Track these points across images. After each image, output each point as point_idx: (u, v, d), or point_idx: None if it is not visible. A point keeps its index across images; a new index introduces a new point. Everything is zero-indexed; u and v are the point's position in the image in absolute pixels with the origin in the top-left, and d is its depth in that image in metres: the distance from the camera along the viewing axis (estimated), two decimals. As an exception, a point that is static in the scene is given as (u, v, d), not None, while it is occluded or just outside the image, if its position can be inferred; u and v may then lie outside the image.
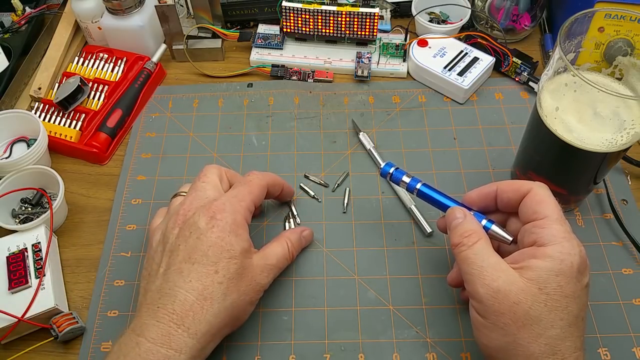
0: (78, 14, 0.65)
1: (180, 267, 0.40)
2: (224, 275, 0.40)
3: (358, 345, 0.46)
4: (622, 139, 0.42)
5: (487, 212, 0.44)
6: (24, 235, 0.50)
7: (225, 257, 0.41)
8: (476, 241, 0.39)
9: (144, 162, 0.59)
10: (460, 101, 0.62)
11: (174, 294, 0.39)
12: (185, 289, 0.39)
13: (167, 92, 0.65)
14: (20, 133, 0.59)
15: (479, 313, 0.38)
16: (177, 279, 0.40)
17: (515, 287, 0.36)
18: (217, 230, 0.41)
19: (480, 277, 0.37)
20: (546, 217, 0.39)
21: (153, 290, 0.41)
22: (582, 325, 0.37)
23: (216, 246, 0.41)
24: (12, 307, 0.45)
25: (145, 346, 0.37)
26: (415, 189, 0.47)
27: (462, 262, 0.39)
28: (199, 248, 0.41)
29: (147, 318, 0.39)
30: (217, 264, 0.40)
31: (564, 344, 0.36)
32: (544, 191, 0.40)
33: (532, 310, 0.36)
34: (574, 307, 0.36)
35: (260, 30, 0.69)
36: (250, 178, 0.46)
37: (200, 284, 0.40)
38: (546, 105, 0.45)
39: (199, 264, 0.40)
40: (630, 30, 0.48)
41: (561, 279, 0.36)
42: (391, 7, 0.69)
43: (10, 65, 0.65)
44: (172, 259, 0.41)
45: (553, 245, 0.37)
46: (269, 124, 0.61)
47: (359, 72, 0.64)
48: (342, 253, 0.51)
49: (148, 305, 0.40)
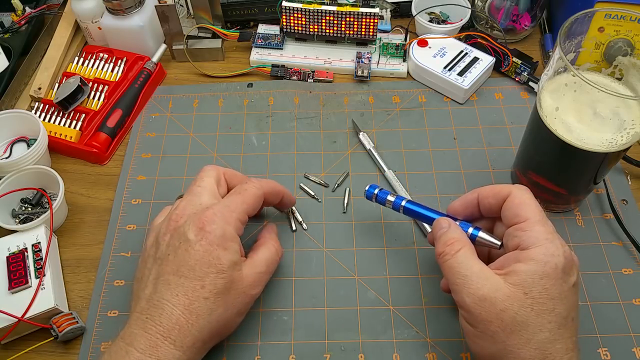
0: (78, 14, 0.65)
1: (168, 279, 0.40)
2: (210, 290, 0.40)
3: (358, 345, 0.46)
4: (622, 139, 0.42)
5: (473, 220, 0.44)
6: (24, 235, 0.50)
7: (213, 272, 0.40)
8: (459, 249, 0.39)
9: (144, 162, 0.59)
10: (460, 101, 0.62)
11: (161, 306, 0.39)
12: (172, 303, 0.39)
13: (167, 92, 0.65)
14: (20, 133, 0.59)
15: (468, 322, 0.38)
16: (164, 291, 0.40)
17: (500, 293, 0.36)
18: (205, 243, 0.40)
19: (466, 286, 0.37)
20: (527, 220, 0.39)
21: (142, 299, 0.41)
22: (573, 325, 0.37)
23: (203, 260, 0.40)
24: (12, 307, 0.45)
25: (134, 356, 0.38)
26: (401, 206, 0.47)
27: (446, 271, 0.40)
28: (187, 261, 0.40)
29: (136, 328, 0.39)
30: (203, 279, 0.40)
31: (554, 347, 0.36)
32: (524, 193, 0.40)
33: (519, 316, 0.36)
34: (562, 309, 0.36)
35: (260, 30, 0.69)
36: (246, 187, 0.45)
37: (186, 299, 0.39)
38: (546, 105, 0.45)
39: (186, 277, 0.40)
40: (630, 30, 0.48)
41: (546, 282, 0.36)
42: (391, 7, 0.69)
43: (10, 65, 0.65)
44: (162, 268, 0.41)
45: (536, 247, 0.37)
46: (269, 124, 0.61)
47: (359, 72, 0.64)
48: (342, 253, 0.51)
49: (137, 315, 0.40)
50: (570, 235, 0.51)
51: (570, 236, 0.51)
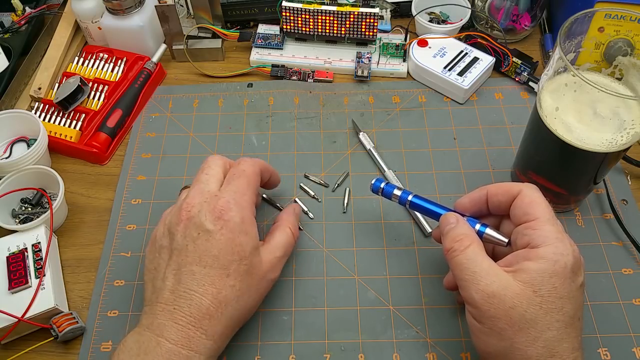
0: (78, 14, 0.65)
1: (192, 270, 0.40)
2: (235, 277, 0.41)
3: (358, 345, 0.46)
4: (622, 139, 0.42)
5: (480, 217, 0.44)
6: (24, 235, 0.50)
7: (236, 259, 0.41)
8: (468, 245, 0.39)
9: (144, 162, 0.59)
10: (460, 101, 0.62)
11: (189, 297, 0.39)
12: (200, 293, 0.40)
13: (167, 92, 0.65)
14: (20, 133, 0.59)
15: (475, 318, 0.38)
16: (190, 281, 0.40)
17: (509, 291, 0.36)
18: (226, 231, 0.41)
19: (474, 282, 0.37)
20: (537, 219, 0.39)
21: (165, 290, 0.40)
22: (579, 325, 0.37)
23: (227, 249, 0.41)
24: (12, 307, 0.45)
25: (166, 346, 0.38)
26: (408, 200, 0.47)
27: (455, 267, 0.39)
28: (209, 251, 0.40)
29: (164, 319, 0.39)
30: (228, 267, 0.40)
31: (561, 346, 0.36)
32: (534, 192, 0.40)
33: (528, 314, 0.36)
34: (570, 308, 0.36)
35: (260, 30, 0.69)
36: (244, 167, 0.45)
37: (214, 288, 0.40)
38: (546, 105, 0.44)
39: (211, 267, 0.40)
40: (630, 30, 0.48)
41: (555, 280, 0.36)
42: (391, 7, 0.69)
43: (10, 65, 0.65)
44: (182, 259, 0.41)
45: (546, 246, 0.37)
46: (269, 124, 0.61)
47: (359, 72, 0.64)
48: (342, 253, 0.51)
49: (163, 305, 0.40)
50: (570, 235, 0.51)
51: (571, 236, 0.50)
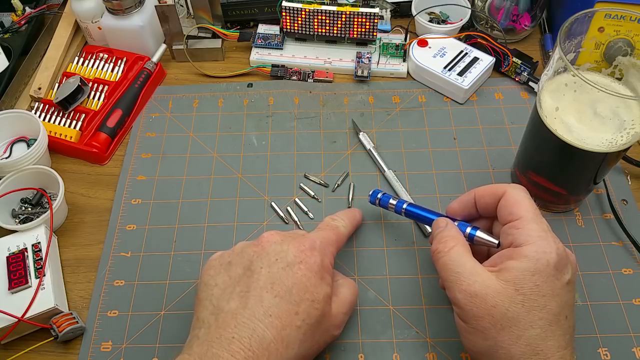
0: (78, 14, 0.65)
1: (261, 295, 0.38)
2: (304, 319, 0.38)
3: (358, 345, 0.46)
4: (622, 139, 0.42)
5: (472, 220, 0.45)
6: (24, 235, 0.50)
7: (308, 299, 0.38)
8: (452, 247, 0.40)
9: (144, 162, 0.59)
10: (460, 101, 0.62)
11: (252, 327, 0.36)
12: (265, 324, 0.36)
13: (167, 92, 0.65)
14: (20, 133, 0.59)
15: (461, 318, 0.38)
16: (256, 308, 0.37)
17: (491, 290, 0.36)
18: (304, 267, 0.39)
19: (458, 282, 0.38)
20: (521, 218, 0.39)
21: (226, 312, 0.37)
22: (566, 323, 0.37)
23: (301, 285, 0.38)
24: (12, 307, 0.45)
25: None
26: (403, 209, 0.48)
27: (440, 269, 0.40)
28: (283, 280, 0.38)
29: (219, 349, 0.35)
30: (299, 305, 0.38)
31: (545, 344, 0.36)
32: (518, 192, 0.41)
33: (510, 312, 0.36)
34: (554, 306, 0.36)
35: (260, 30, 0.69)
36: (337, 224, 0.45)
37: (279, 322, 0.37)
38: (546, 106, 0.44)
39: (281, 298, 0.38)
40: (630, 30, 0.48)
41: (537, 278, 0.36)
42: (391, 7, 0.69)
43: (10, 65, 0.65)
44: (253, 281, 0.38)
45: (528, 245, 0.37)
46: (269, 124, 0.61)
47: (359, 72, 0.64)
48: (342, 253, 0.51)
49: (220, 331, 0.36)
50: (570, 235, 0.51)
51: (570, 236, 0.51)
